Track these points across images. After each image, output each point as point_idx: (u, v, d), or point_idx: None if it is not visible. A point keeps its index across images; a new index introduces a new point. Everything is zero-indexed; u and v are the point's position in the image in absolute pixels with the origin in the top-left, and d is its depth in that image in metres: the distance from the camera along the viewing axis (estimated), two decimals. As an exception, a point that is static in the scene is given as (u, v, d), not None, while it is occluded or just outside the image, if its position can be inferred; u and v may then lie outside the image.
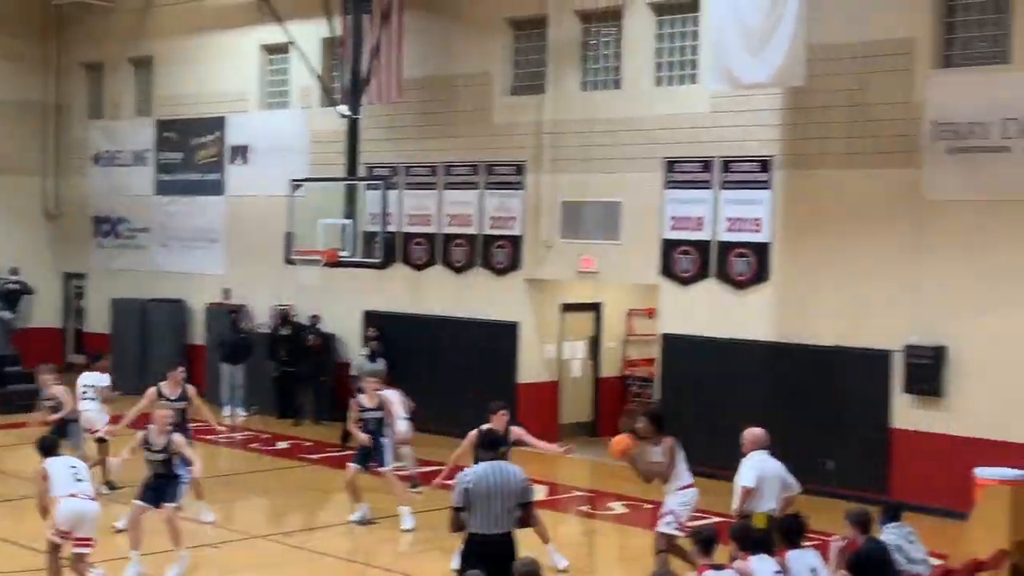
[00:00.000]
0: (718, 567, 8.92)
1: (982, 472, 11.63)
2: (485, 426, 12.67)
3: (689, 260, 18.25)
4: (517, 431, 13.35)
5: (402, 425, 16.22)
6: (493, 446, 9.78)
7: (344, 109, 20.15)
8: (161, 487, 12.60)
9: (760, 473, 11.13)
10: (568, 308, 20.96)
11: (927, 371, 15.91)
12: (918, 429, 16.14)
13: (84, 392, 16.32)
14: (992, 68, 15.80)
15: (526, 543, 10.15)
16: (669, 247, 18.47)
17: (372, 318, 21.92)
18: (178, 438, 12.75)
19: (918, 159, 16.10)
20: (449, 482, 12.13)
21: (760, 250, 17.54)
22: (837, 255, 16.81)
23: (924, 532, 10.95)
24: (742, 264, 17.71)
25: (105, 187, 27.10)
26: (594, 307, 21.42)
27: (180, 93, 25.39)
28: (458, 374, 20.63)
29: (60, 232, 27.97)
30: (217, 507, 15.05)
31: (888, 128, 16.34)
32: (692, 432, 17.54)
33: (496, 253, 20.50)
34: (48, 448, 11.27)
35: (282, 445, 20.04)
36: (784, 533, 9.52)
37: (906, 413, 16.26)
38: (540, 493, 12.48)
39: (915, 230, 16.14)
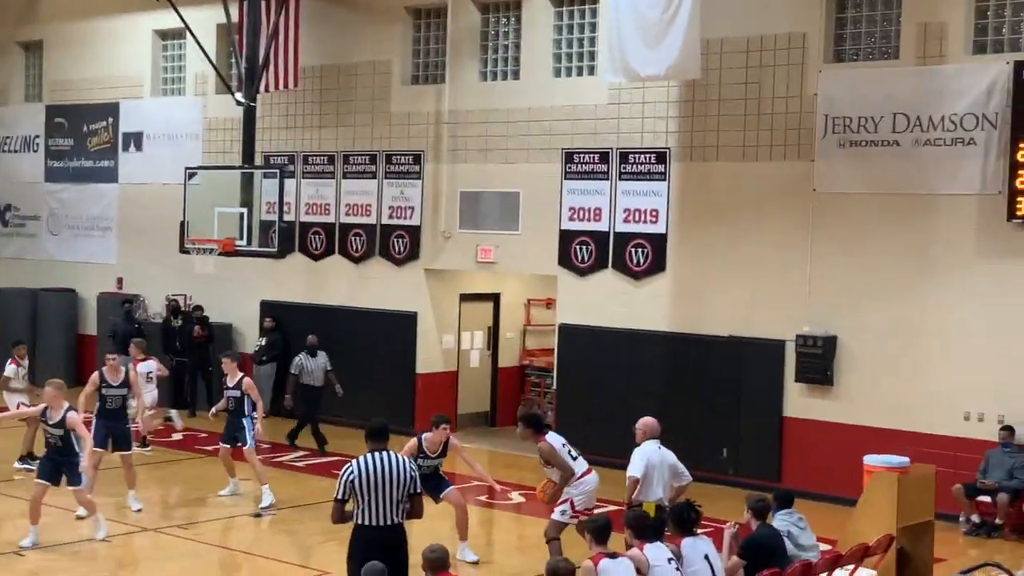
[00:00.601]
0: (612, 555, 8.99)
1: (870, 459, 11.87)
2: (425, 434, 12.69)
3: (587, 250, 18.36)
4: (459, 446, 13.28)
5: (148, 398, 17.61)
6: (379, 436, 9.34)
7: (240, 96, 19.88)
8: (59, 467, 12.82)
9: (648, 462, 11.23)
10: (467, 298, 20.96)
11: (818, 361, 16.20)
12: (809, 418, 16.45)
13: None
14: (882, 63, 16.14)
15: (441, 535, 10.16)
16: (567, 237, 18.55)
17: (269, 308, 21.69)
18: (73, 416, 12.71)
19: (811, 152, 16.38)
20: None
21: (657, 241, 17.71)
22: (733, 246, 17.04)
23: (815, 519, 11.19)
24: (639, 255, 17.86)
25: (-7, 173, 26.44)
26: (493, 297, 21.45)
27: (72, 78, 24.86)
28: (357, 364, 20.49)
29: (-54, 219, 27.22)
30: (111, 500, 14.78)
31: (782, 121, 16.60)
32: (590, 422, 17.77)
33: (395, 243, 20.42)
34: None
35: (176, 437, 19.74)
36: (678, 521, 9.62)
37: (798, 402, 16.56)
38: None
39: (808, 222, 16.42)
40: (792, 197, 16.56)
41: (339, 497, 9.08)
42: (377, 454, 9.13)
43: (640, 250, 17.86)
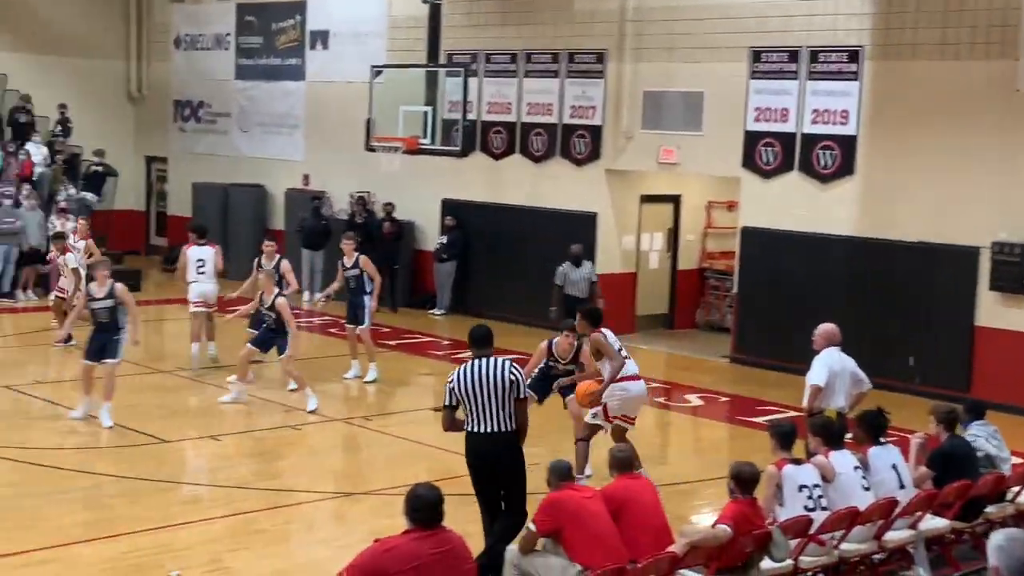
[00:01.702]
0: (797, 461, 8.89)
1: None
2: (555, 339, 12.43)
3: (772, 152, 17.95)
4: (586, 353, 12.43)
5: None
6: (482, 342, 9.04)
7: (426, -6, 19.89)
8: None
9: (831, 370, 10.98)
10: (647, 199, 20.78)
11: (1015, 269, 15.61)
12: (1004, 328, 15.88)
13: (200, 266, 16.81)
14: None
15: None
16: (752, 139, 18.16)
17: (450, 206, 21.91)
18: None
19: (1015, 50, 15.58)
20: None
21: (846, 143, 17.18)
22: (926, 149, 16.44)
23: (1007, 431, 10.83)
24: (827, 157, 17.38)
25: (186, 71, 27.18)
26: (673, 199, 21.22)
27: (261, -24, 25.27)
28: (536, 264, 20.59)
29: (143, 115, 28.17)
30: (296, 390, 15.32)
31: (984, 18, 15.82)
32: (770, 327, 17.54)
33: (576, 143, 20.32)
34: None
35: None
36: (867, 429, 9.45)
37: (992, 311, 15.99)
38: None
39: (1007, 125, 15.69)
40: (992, 98, 15.83)
41: (447, 403, 8.92)
42: (479, 360, 8.88)
43: (828, 152, 17.37)
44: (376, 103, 19.43)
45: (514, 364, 8.92)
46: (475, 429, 8.82)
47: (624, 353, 11.52)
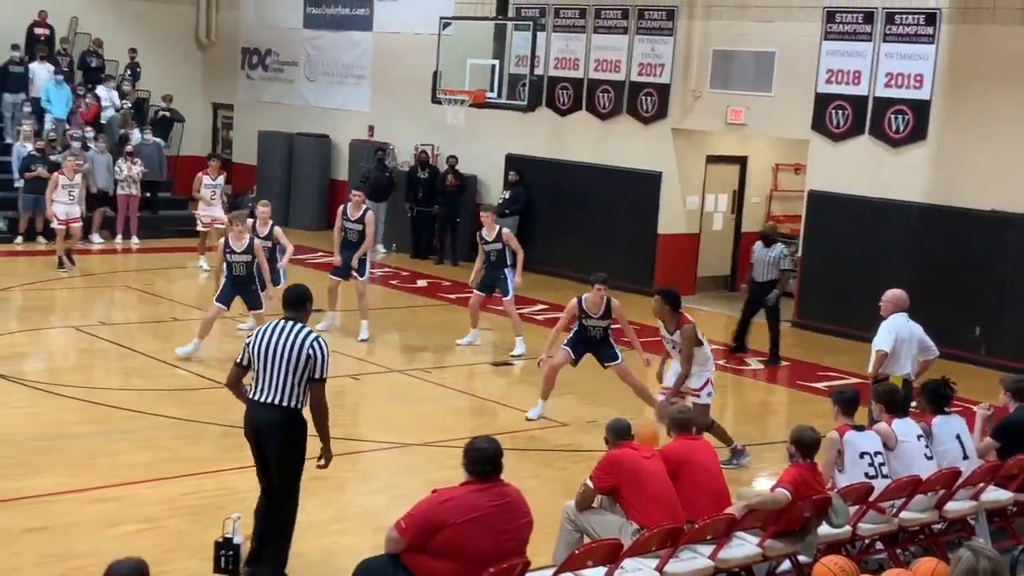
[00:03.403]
0: (859, 428, 8.80)
1: None
2: (585, 295, 12.24)
3: (843, 115, 17.69)
4: (619, 310, 12.34)
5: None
6: (290, 304, 8.00)
7: (496, -54, 19.75)
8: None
9: (897, 336, 10.81)
10: (713, 160, 20.58)
11: (1088, 241, 15.29)
12: (1074, 301, 15.60)
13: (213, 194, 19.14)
14: None
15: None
16: (823, 101, 17.90)
17: (514, 162, 21.83)
18: (258, 242, 14.09)
19: (1098, 17, 15.21)
20: (546, 359, 12.20)
21: (919, 107, 16.88)
22: (1003, 116, 16.11)
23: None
24: (899, 121, 17.09)
25: (255, 18, 27.22)
26: (740, 160, 20.99)
27: (331, -75, 25.20)
28: (598, 222, 20.53)
29: (211, 62, 28.29)
30: (355, 339, 15.39)
31: (1068, -17, 15.44)
32: (836, 291, 17.35)
33: (643, 101, 20.13)
34: None
35: (421, 284, 20.27)
36: (932, 398, 9.32)
37: (1062, 284, 15.70)
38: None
39: (1088, 93, 15.34)
40: (1073, 66, 15.46)
41: (238, 361, 8.03)
42: (282, 323, 7.84)
43: (900, 116, 17.08)
44: (443, 55, 19.34)
45: (320, 338, 7.82)
46: (254, 395, 7.87)
47: (707, 350, 11.27)
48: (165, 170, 23.72)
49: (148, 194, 22.48)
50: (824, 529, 8.12)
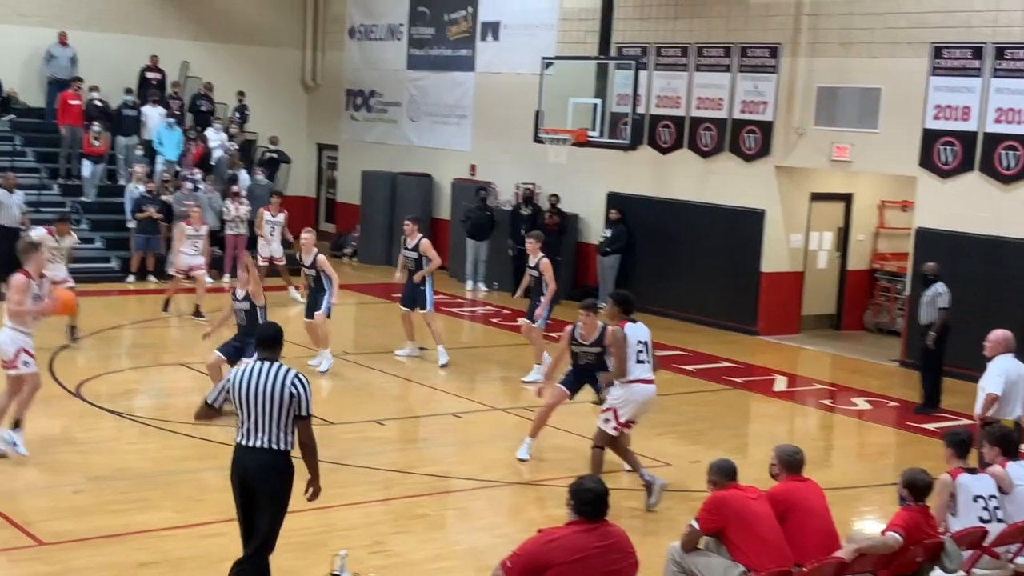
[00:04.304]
0: (972, 470, 8.60)
1: None
2: (578, 323, 12.09)
3: (951, 151, 17.40)
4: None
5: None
6: (265, 344, 7.83)
7: (599, -14, 19.84)
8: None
9: (1007, 378, 10.56)
10: (817, 197, 20.36)
11: None
12: None
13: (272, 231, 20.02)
14: None
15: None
16: (930, 137, 17.63)
17: (615, 199, 21.82)
18: (322, 257, 14.75)
19: None
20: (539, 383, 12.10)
21: (1031, 144, 16.55)
22: (1117, 152, 15.70)
23: None
24: (1011, 158, 16.76)
25: (359, 60, 27.67)
26: (845, 197, 20.74)
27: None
28: (701, 260, 20.42)
29: (316, 104, 28.80)
30: (459, 378, 15.47)
31: None
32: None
33: (745, 138, 20.02)
34: None
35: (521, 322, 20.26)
36: (1046, 441, 9.08)
37: None
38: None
39: None
40: None
41: (207, 400, 7.99)
42: (261, 364, 7.70)
43: (1012, 153, 16.74)
44: (545, 95, 19.46)
45: (300, 376, 7.70)
46: (240, 440, 7.73)
47: (643, 357, 10.86)
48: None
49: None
50: (936, 574, 7.95)
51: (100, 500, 10.38)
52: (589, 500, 6.51)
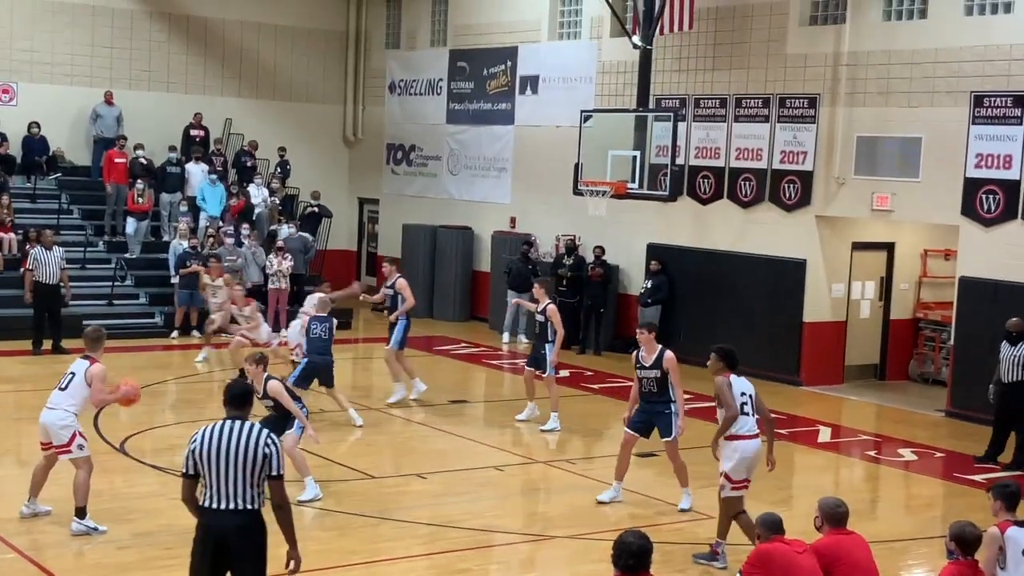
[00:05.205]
0: (1021, 523, 8.46)
1: None
2: (641, 347, 12.26)
3: (994, 200, 17.30)
4: (669, 361, 12.01)
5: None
6: (234, 403, 7.56)
7: (636, 39, 19.97)
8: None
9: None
10: (859, 246, 20.28)
11: None
12: None
13: None
14: None
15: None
16: (972, 186, 17.55)
17: (656, 251, 21.82)
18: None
19: None
20: None
21: (1074, 191, 16.43)
22: None
23: None
24: (1053, 206, 16.64)
25: (400, 115, 27.92)
26: (887, 246, 20.64)
27: (474, 23, 25.78)
28: (742, 310, 20.36)
29: (357, 158, 29.06)
30: (499, 430, 15.44)
31: None
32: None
33: (785, 188, 20.00)
34: None
35: (563, 374, 20.24)
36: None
37: None
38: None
39: None
40: None
41: (185, 472, 7.52)
42: (228, 423, 7.43)
43: (1055, 201, 16.64)
44: (584, 147, 19.55)
45: (271, 435, 7.45)
46: (210, 504, 7.39)
47: (747, 409, 10.70)
48: (308, 265, 24.29)
49: (295, 287, 23.03)
50: (987, 629, 7.81)
51: (144, 556, 10.42)
52: (626, 554, 6.49)
